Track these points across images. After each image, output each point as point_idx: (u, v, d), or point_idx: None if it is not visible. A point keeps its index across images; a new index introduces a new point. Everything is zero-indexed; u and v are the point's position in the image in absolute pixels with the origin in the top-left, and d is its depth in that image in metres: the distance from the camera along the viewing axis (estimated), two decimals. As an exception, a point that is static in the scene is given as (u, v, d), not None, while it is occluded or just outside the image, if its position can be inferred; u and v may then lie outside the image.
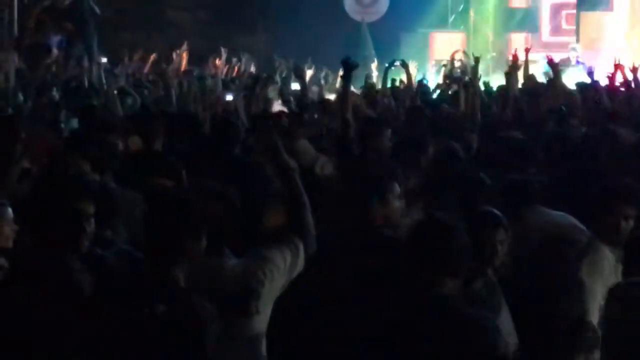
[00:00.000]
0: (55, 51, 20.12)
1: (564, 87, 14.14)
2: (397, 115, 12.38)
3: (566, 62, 23.21)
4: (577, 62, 22.38)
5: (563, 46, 24.43)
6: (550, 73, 15.16)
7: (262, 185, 6.98)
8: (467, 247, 5.02)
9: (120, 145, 9.13)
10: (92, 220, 5.54)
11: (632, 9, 24.13)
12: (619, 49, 23.75)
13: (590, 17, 24.85)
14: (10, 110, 13.19)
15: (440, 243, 4.96)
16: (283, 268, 5.55)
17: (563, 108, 11.96)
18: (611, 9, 24.38)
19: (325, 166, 9.15)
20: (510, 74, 13.75)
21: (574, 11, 25.23)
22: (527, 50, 16.61)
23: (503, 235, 5.99)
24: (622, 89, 14.30)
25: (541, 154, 8.91)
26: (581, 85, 15.20)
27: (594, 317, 5.94)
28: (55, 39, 20.97)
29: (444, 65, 22.45)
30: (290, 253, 5.58)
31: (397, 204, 6.43)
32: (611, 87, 14.15)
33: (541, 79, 17.52)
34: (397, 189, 6.45)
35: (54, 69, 18.99)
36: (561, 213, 7.11)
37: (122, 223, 6.72)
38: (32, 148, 8.75)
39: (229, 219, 5.68)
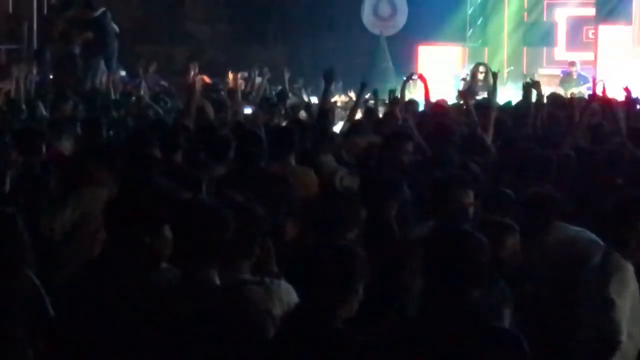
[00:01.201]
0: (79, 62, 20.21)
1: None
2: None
3: (568, 79, 23.24)
4: (579, 75, 22.27)
5: (581, 60, 24.44)
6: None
7: (284, 196, 7.04)
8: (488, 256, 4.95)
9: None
10: None
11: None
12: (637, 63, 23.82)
13: (609, 31, 24.79)
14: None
15: (468, 255, 4.84)
16: None
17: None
18: (630, 23, 24.33)
19: (344, 178, 9.20)
20: (530, 88, 13.72)
21: (593, 25, 25.18)
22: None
23: (513, 240, 6.06)
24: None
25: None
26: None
27: (624, 335, 5.96)
28: (78, 49, 21.04)
29: (464, 80, 22.44)
30: None
31: None
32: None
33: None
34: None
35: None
36: (580, 228, 7.12)
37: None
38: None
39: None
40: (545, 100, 14.57)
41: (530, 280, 6.62)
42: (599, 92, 14.20)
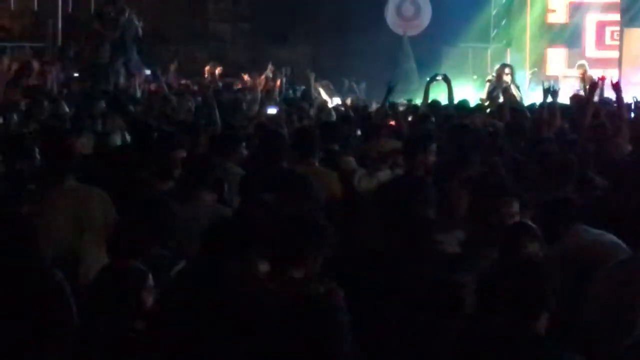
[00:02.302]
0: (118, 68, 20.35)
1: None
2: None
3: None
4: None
5: (606, 63, 24.40)
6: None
7: (306, 194, 7.07)
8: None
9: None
10: None
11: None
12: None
13: (634, 34, 24.76)
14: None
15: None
16: None
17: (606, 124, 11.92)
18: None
19: (362, 179, 9.24)
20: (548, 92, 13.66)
21: (618, 28, 25.15)
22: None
23: (537, 247, 6.06)
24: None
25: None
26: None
27: None
28: (104, 55, 21.17)
29: (489, 81, 22.42)
30: None
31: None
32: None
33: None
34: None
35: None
36: (601, 231, 7.09)
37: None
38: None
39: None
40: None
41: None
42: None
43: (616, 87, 13.52)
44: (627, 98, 15.76)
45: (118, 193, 7.82)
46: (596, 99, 13.95)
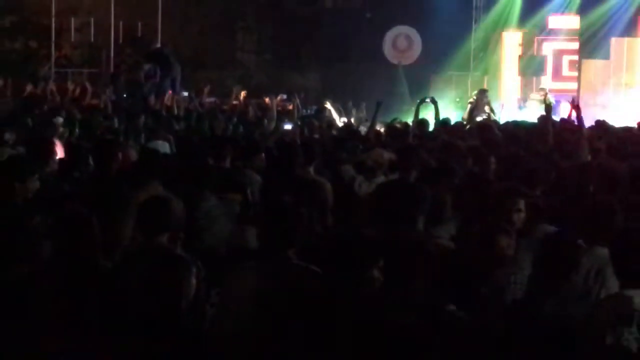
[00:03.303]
0: (151, 92, 20.38)
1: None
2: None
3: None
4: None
5: (565, 90, 24.41)
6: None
7: (317, 196, 7.07)
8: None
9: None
10: None
11: (627, 57, 24.00)
12: (614, 92, 23.77)
13: (590, 64, 24.75)
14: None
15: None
16: None
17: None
18: (608, 57, 24.27)
19: (362, 184, 9.22)
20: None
21: (577, 58, 25.14)
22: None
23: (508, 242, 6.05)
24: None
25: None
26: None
27: None
28: (146, 67, 21.22)
29: (470, 103, 22.42)
30: None
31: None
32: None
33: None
34: None
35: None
36: (558, 229, 7.06)
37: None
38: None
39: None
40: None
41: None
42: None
43: (577, 108, 13.54)
44: (586, 117, 15.76)
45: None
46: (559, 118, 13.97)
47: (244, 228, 6.80)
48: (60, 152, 9.45)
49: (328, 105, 20.07)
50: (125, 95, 20.55)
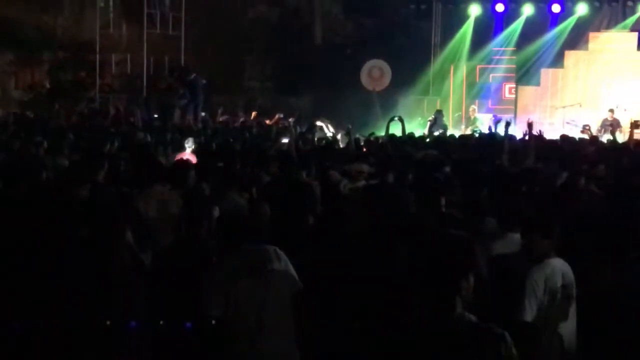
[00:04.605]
0: (178, 111, 20.44)
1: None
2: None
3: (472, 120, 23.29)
4: (496, 118, 22.06)
5: (504, 110, 24.47)
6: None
7: (308, 196, 7.07)
8: None
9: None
10: None
11: (553, 85, 24.09)
12: (544, 113, 23.85)
13: (525, 90, 24.82)
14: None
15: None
16: None
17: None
18: (539, 84, 24.35)
19: (346, 186, 9.23)
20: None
21: (514, 85, 25.21)
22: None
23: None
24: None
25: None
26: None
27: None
28: (181, 91, 21.25)
29: (429, 121, 22.49)
30: None
31: None
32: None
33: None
34: None
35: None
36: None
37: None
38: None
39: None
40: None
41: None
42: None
43: (529, 125, 13.69)
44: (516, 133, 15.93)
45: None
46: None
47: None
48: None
49: (320, 122, 20.09)
50: (155, 115, 20.57)
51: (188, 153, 11.99)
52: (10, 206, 6.30)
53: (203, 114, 21.45)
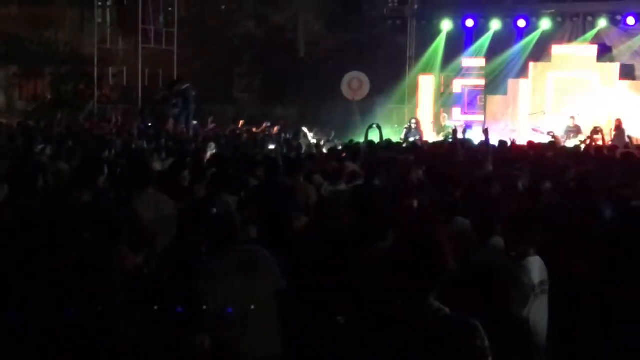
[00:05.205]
0: (172, 120, 20.34)
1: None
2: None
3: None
4: (467, 126, 22.10)
5: (475, 119, 24.53)
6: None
7: (292, 200, 7.08)
8: None
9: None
10: None
11: (519, 94, 24.19)
12: (510, 120, 23.95)
13: (494, 99, 24.91)
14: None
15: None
16: None
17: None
18: (506, 94, 24.45)
19: (327, 188, 9.24)
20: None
21: (483, 95, 25.27)
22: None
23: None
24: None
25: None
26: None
27: None
28: (174, 100, 21.16)
29: (406, 128, 22.53)
30: None
31: None
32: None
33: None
34: None
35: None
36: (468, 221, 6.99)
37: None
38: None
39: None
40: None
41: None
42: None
43: (485, 132, 13.67)
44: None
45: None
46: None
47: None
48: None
49: (305, 129, 20.08)
50: (150, 124, 20.51)
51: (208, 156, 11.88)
52: (17, 209, 6.29)
53: (195, 122, 21.40)
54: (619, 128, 20.21)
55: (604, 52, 22.98)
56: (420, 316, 3.43)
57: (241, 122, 21.81)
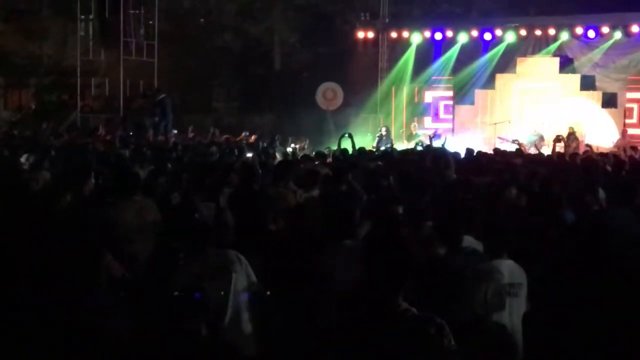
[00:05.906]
0: (150, 130, 20.23)
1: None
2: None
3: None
4: (436, 134, 22.12)
5: (444, 127, 24.60)
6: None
7: (269, 205, 7.06)
8: None
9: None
10: None
11: (486, 104, 24.33)
12: (478, 129, 24.08)
13: (461, 109, 25.02)
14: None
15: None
16: None
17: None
18: (473, 104, 24.58)
19: (301, 195, 9.18)
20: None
21: (451, 103, 25.36)
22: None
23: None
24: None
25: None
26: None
27: None
28: (150, 121, 21.09)
29: (378, 136, 22.56)
30: None
31: None
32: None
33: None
34: None
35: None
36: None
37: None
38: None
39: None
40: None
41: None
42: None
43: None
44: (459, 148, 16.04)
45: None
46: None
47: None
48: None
49: (282, 139, 20.10)
50: (131, 133, 20.41)
51: None
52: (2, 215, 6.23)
53: (175, 131, 21.33)
54: (572, 135, 20.53)
55: (566, 64, 23.21)
56: (388, 316, 3.43)
57: (218, 131, 21.80)
